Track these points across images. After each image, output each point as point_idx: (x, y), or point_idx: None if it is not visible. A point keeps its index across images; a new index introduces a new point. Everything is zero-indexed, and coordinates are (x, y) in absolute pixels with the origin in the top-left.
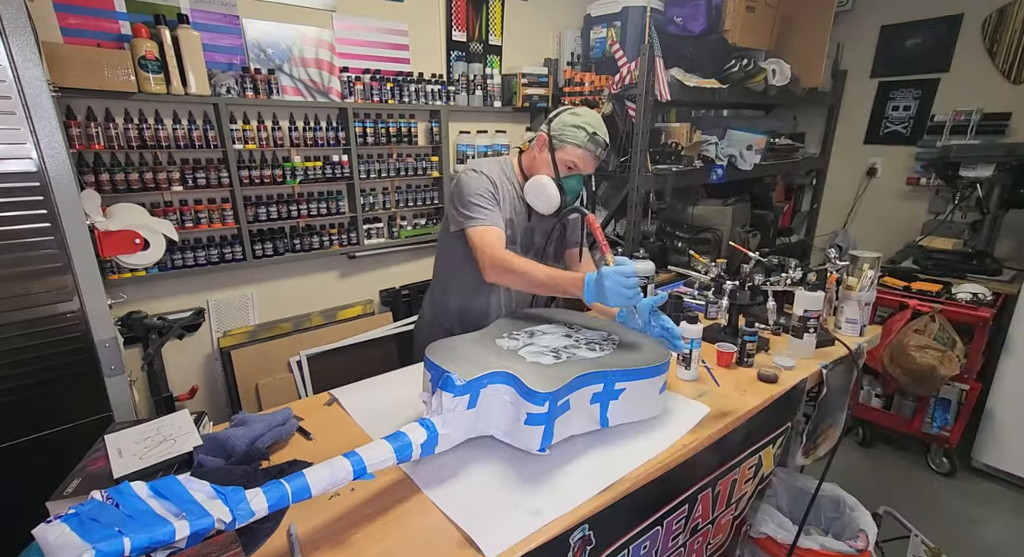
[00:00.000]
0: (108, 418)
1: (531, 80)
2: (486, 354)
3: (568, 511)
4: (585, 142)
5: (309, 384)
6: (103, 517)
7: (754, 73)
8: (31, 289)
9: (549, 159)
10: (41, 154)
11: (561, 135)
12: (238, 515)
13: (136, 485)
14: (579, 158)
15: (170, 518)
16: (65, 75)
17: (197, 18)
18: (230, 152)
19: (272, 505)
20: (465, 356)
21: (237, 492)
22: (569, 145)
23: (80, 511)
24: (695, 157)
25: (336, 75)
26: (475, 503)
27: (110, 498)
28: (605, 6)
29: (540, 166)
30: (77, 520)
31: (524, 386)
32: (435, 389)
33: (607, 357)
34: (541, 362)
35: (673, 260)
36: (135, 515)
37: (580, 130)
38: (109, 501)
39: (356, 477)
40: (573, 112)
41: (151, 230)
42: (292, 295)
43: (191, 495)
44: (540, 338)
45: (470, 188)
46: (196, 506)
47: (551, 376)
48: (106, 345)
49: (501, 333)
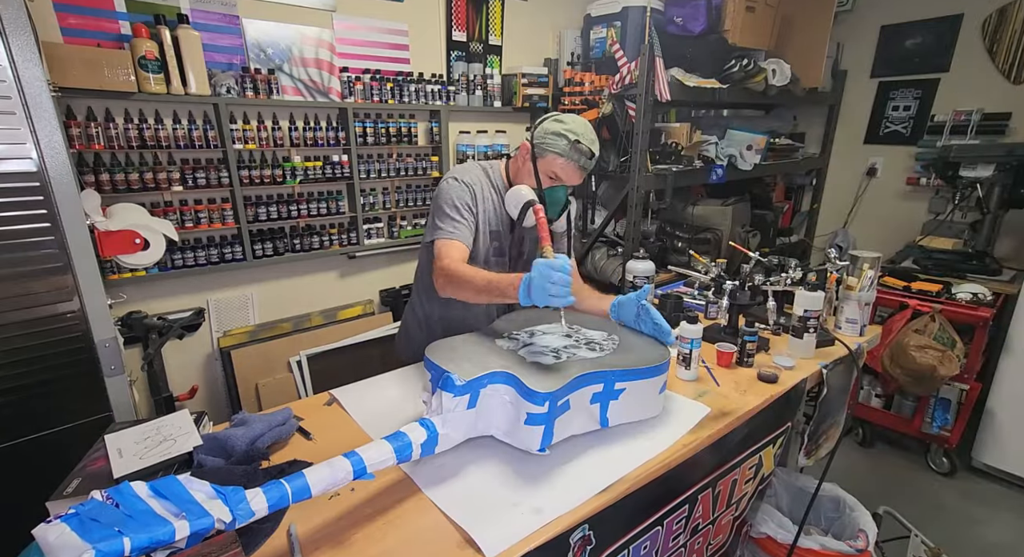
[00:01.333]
0: (108, 418)
1: (531, 80)
2: (486, 354)
3: (568, 511)
4: (567, 150)
5: (309, 384)
6: (103, 517)
7: (754, 73)
8: (31, 289)
9: (531, 169)
10: (41, 154)
11: (543, 143)
12: (238, 515)
13: (136, 485)
14: (560, 168)
15: (170, 518)
16: (65, 75)
17: (197, 18)
18: (230, 152)
19: (272, 505)
20: (465, 356)
21: (237, 492)
22: (550, 154)
23: (80, 511)
24: (695, 157)
25: (336, 75)
26: (475, 503)
27: (110, 498)
28: (605, 6)
29: (523, 176)
30: (77, 520)
31: (524, 386)
32: (435, 389)
33: (607, 357)
34: (541, 362)
35: (673, 260)
36: (135, 515)
37: (561, 138)
38: (109, 501)
39: (356, 477)
40: (557, 119)
41: (151, 230)
42: (292, 295)
43: (191, 495)
44: (540, 338)
45: (446, 197)
46: (196, 506)
47: (551, 376)
48: (106, 345)
49: (501, 333)
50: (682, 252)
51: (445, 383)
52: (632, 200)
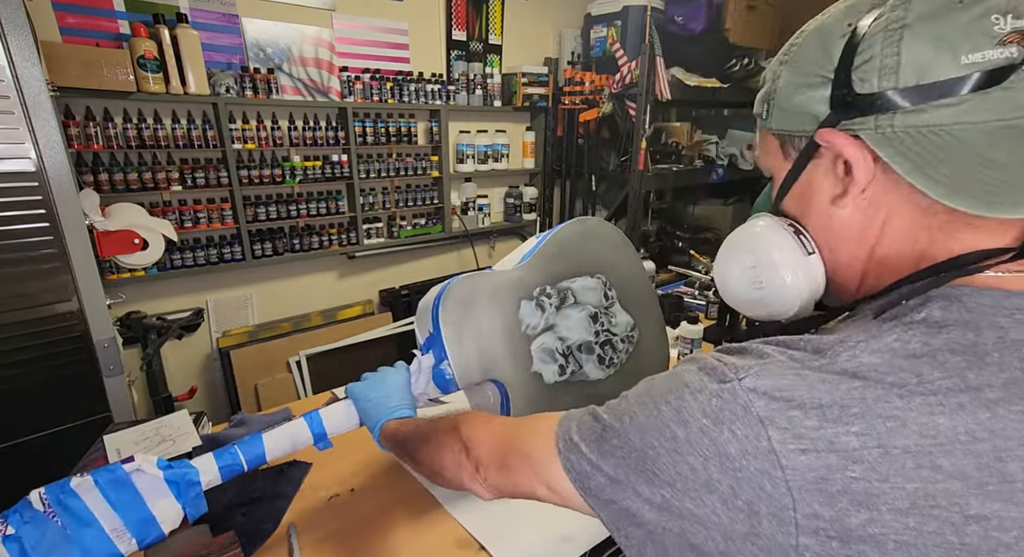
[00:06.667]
0: (107, 418)
1: (531, 79)
2: (501, 327)
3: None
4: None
5: (308, 384)
6: (42, 540)
7: (755, 72)
8: (30, 289)
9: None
10: (40, 154)
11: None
12: (189, 512)
13: (81, 485)
14: None
15: (112, 538)
16: (64, 74)
17: (196, 17)
18: (229, 152)
19: (224, 475)
20: (476, 328)
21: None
22: None
23: (19, 530)
24: (695, 157)
25: (336, 74)
26: (496, 522)
27: (49, 507)
28: (605, 5)
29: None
30: (17, 547)
31: (508, 405)
32: (424, 351)
33: (611, 379)
34: (543, 374)
35: (673, 260)
36: (74, 536)
37: None
38: (48, 511)
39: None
40: None
41: (150, 230)
42: (291, 295)
43: (141, 498)
44: (566, 315)
45: None
46: (144, 510)
47: (540, 401)
48: (105, 345)
49: (535, 285)
50: (682, 252)
51: (436, 373)
52: (632, 200)
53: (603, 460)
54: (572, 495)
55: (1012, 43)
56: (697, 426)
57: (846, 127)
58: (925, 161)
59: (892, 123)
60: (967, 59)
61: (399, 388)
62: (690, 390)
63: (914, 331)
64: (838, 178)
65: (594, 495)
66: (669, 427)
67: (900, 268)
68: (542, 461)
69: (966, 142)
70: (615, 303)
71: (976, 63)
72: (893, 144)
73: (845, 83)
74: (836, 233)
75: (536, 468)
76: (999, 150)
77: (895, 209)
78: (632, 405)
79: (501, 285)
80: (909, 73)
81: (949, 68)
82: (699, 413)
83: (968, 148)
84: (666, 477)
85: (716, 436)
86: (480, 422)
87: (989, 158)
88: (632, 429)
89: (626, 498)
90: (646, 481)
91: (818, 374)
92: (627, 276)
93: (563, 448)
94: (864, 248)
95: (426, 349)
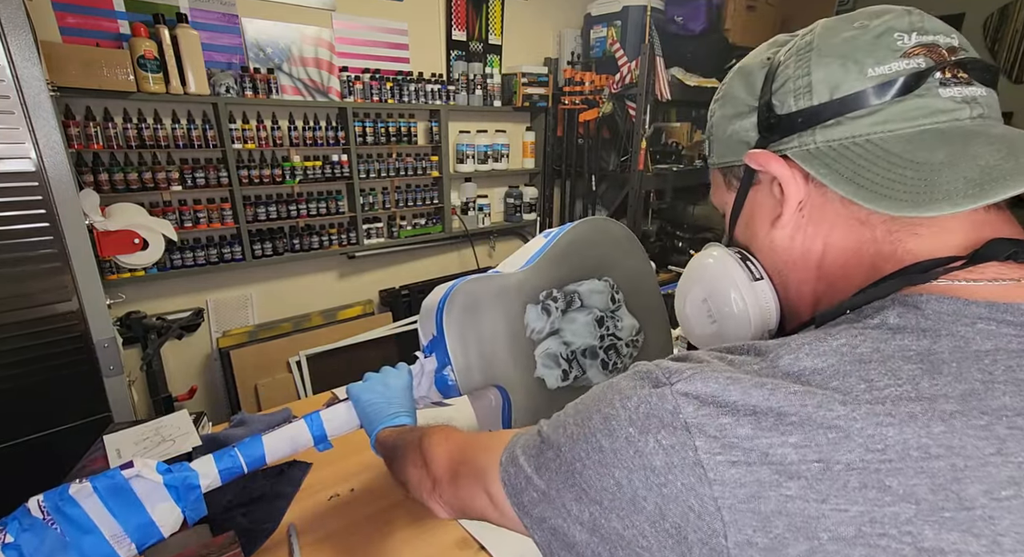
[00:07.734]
0: (107, 418)
1: (531, 79)
2: (505, 331)
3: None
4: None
5: (309, 384)
6: (41, 547)
7: None
8: (30, 289)
9: None
10: (40, 154)
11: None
12: (189, 515)
13: (80, 491)
14: None
15: (112, 544)
16: (64, 74)
17: (196, 17)
18: (229, 152)
19: (224, 478)
20: (480, 333)
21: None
22: None
23: (18, 538)
24: (695, 157)
25: (335, 74)
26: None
27: (48, 514)
28: (605, 5)
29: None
30: (16, 555)
31: (509, 412)
32: (427, 353)
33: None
34: (546, 379)
35: (673, 260)
36: (73, 543)
37: None
38: (48, 518)
39: (316, 441)
40: None
41: (150, 230)
42: (292, 295)
43: (140, 503)
44: (572, 319)
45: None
46: (143, 515)
47: (542, 406)
48: (105, 345)
49: (541, 289)
50: (682, 252)
51: (439, 378)
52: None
53: (537, 473)
54: (511, 512)
55: (918, 55)
56: (623, 435)
57: (774, 148)
58: (850, 170)
59: (814, 138)
60: (873, 72)
61: (400, 392)
62: (620, 397)
63: (865, 336)
64: (776, 200)
65: (527, 511)
66: (596, 437)
67: (850, 286)
68: (488, 476)
69: (887, 149)
70: (622, 306)
71: (883, 75)
72: (817, 157)
73: (768, 107)
74: (781, 255)
75: (484, 483)
76: (919, 153)
77: (834, 224)
78: (569, 415)
79: (507, 288)
80: (822, 90)
81: (857, 82)
82: (626, 421)
83: (889, 154)
84: (593, 493)
85: (641, 446)
86: (441, 437)
87: (911, 160)
88: (564, 440)
89: (556, 516)
90: (575, 498)
91: (755, 377)
92: (635, 278)
93: (504, 461)
94: (810, 267)
95: (429, 351)
